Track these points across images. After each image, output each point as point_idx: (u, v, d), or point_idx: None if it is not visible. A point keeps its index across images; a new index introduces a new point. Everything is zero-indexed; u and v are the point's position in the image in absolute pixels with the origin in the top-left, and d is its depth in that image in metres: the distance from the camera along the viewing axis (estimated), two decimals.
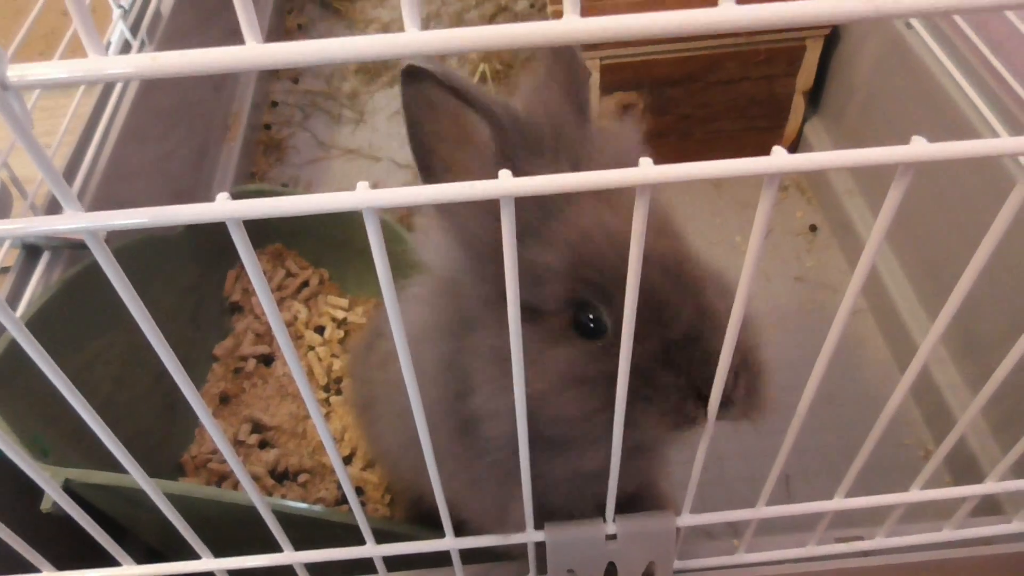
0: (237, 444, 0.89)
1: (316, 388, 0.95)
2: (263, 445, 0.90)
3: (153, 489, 0.44)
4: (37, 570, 0.48)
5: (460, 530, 0.49)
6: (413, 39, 0.24)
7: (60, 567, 0.48)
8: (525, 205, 0.42)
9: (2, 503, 0.61)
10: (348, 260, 1.03)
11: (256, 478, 0.86)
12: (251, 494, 0.44)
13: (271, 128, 1.34)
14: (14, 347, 0.70)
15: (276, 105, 1.39)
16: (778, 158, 0.29)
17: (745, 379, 0.47)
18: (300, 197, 0.27)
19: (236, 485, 0.86)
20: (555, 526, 0.48)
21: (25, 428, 0.69)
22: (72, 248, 0.75)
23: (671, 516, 0.49)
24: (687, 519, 0.49)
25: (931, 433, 0.94)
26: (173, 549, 0.73)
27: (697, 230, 1.16)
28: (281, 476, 0.87)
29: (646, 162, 0.28)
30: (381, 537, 0.49)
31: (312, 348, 0.98)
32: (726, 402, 0.44)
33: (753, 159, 0.29)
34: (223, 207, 0.27)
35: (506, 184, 0.27)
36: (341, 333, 0.99)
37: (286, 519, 0.49)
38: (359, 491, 0.86)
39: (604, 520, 0.49)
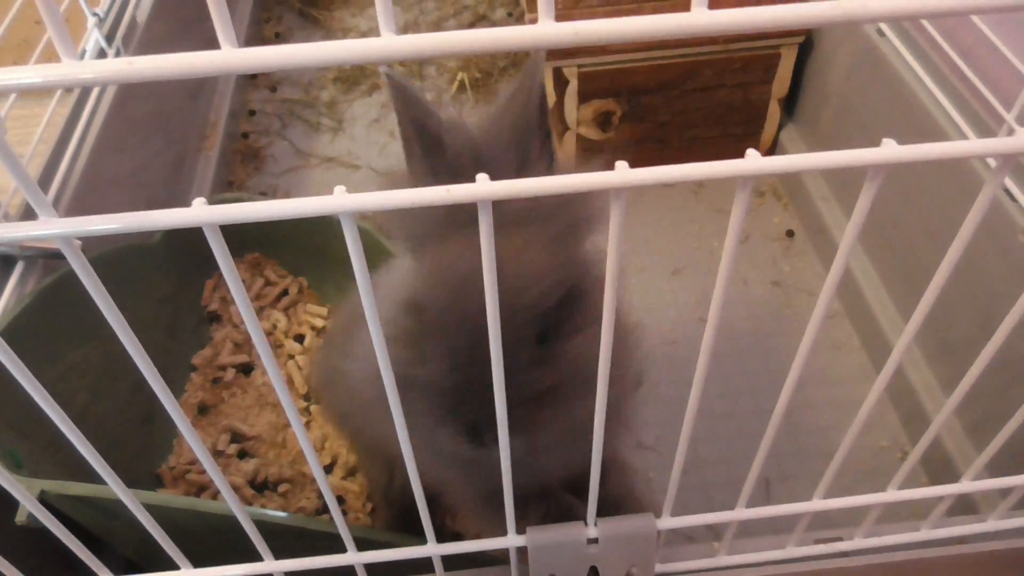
0: (216, 454, 0.88)
1: (296, 397, 0.95)
2: (242, 455, 0.89)
3: (131, 499, 0.43)
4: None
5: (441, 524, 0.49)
6: (389, 44, 0.24)
7: None
8: None
9: None
10: (327, 269, 1.03)
11: (235, 488, 0.85)
12: (230, 502, 0.43)
13: (249, 137, 1.34)
14: None
15: (254, 114, 1.39)
16: (752, 161, 0.29)
17: None
18: (277, 202, 0.27)
19: (216, 496, 0.85)
20: (537, 530, 0.48)
21: (1, 439, 0.68)
22: (46, 258, 0.74)
23: (651, 519, 0.49)
24: (668, 522, 0.49)
25: (908, 435, 0.95)
26: (150, 560, 0.73)
27: (675, 237, 1.17)
28: (261, 486, 0.87)
29: (622, 165, 0.29)
30: (362, 545, 0.48)
31: (292, 357, 0.97)
32: None
33: (729, 162, 0.29)
34: (200, 212, 0.27)
35: (483, 188, 0.27)
36: (320, 342, 0.98)
37: (266, 529, 0.49)
38: (340, 500, 0.86)
39: (585, 523, 0.49)
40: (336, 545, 0.51)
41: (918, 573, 0.58)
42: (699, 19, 0.25)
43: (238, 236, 1.02)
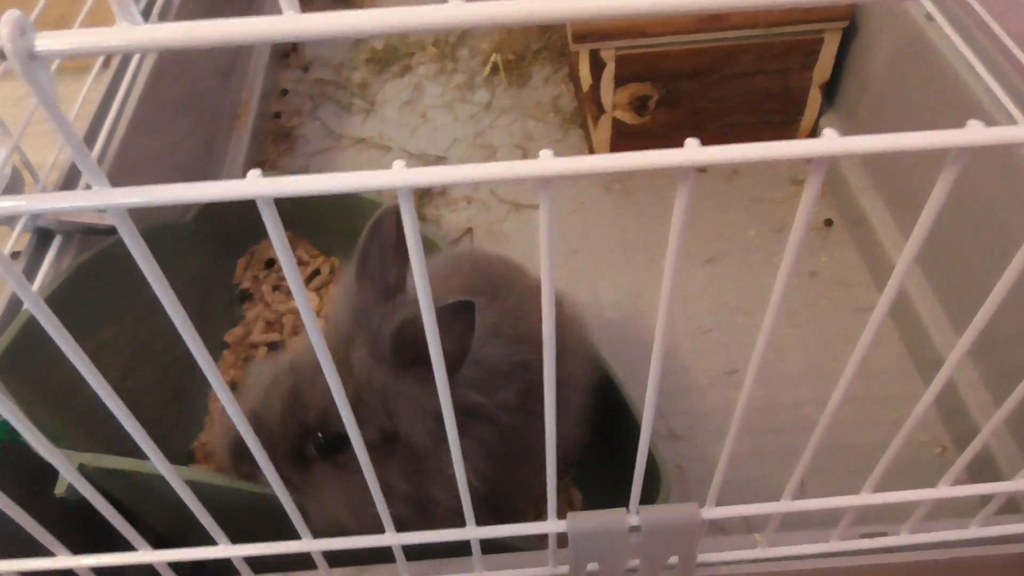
0: None
1: None
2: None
3: (172, 475, 0.43)
4: (51, 554, 0.47)
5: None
6: (453, 11, 0.23)
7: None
8: None
9: (9, 490, 0.60)
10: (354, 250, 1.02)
11: None
12: (273, 484, 0.43)
13: (281, 117, 1.34)
14: (24, 334, 0.69)
15: (286, 94, 1.38)
16: (829, 141, 0.28)
17: None
18: (334, 176, 0.26)
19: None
20: (578, 516, 0.47)
21: (36, 415, 0.68)
22: (84, 233, 0.74)
23: (696, 508, 0.48)
24: (712, 512, 0.48)
25: (947, 431, 0.93)
26: (181, 535, 0.73)
27: (709, 225, 1.15)
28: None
29: (692, 143, 0.28)
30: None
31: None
32: None
33: (805, 141, 0.28)
34: (255, 185, 0.26)
35: (546, 165, 0.27)
36: None
37: (303, 510, 0.48)
38: None
39: (628, 510, 0.48)
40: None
41: (964, 571, 0.57)
42: None
43: None
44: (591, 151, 1.24)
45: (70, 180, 0.79)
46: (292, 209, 1.03)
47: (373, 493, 0.43)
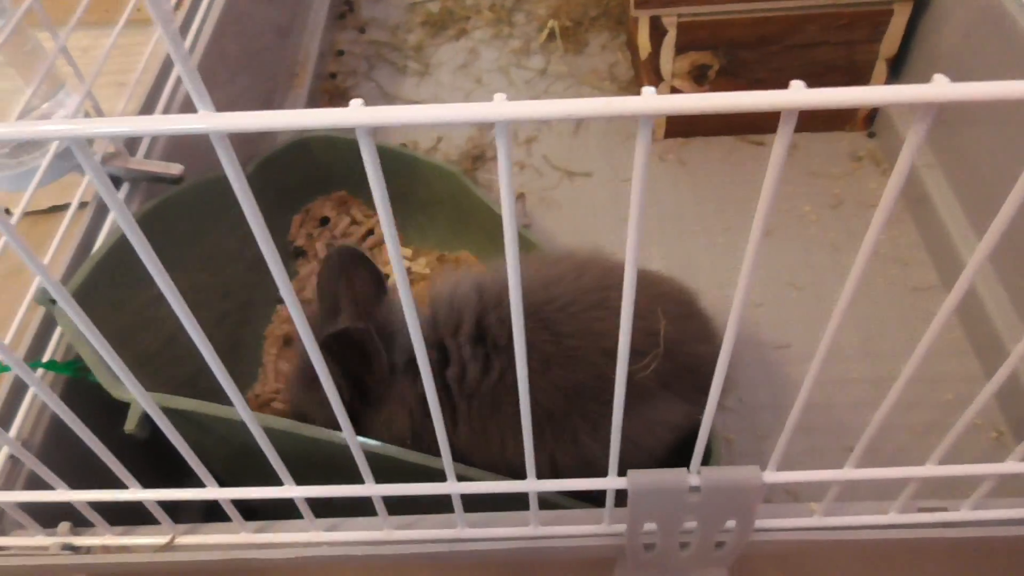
0: None
1: None
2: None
3: (250, 418, 0.44)
4: (123, 487, 0.49)
5: None
6: None
7: None
8: None
9: (66, 435, 0.63)
10: (409, 213, 1.03)
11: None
12: (345, 431, 0.44)
13: (336, 77, 1.34)
14: (87, 284, 0.71)
15: (342, 54, 1.39)
16: (940, 86, 0.27)
17: None
18: (435, 107, 0.26)
19: None
20: (638, 473, 0.48)
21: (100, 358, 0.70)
22: (150, 181, 0.76)
23: (757, 471, 0.48)
24: (774, 476, 0.48)
25: (1004, 415, 0.91)
26: (235, 476, 0.75)
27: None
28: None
29: (798, 84, 0.27)
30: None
31: None
32: None
33: (907, 88, 0.27)
34: (357, 113, 0.26)
35: (648, 101, 0.26)
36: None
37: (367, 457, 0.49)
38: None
39: (688, 470, 0.48)
40: (426, 477, 0.51)
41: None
42: None
43: (326, 173, 1.03)
44: None
45: None
46: (346, 170, 1.04)
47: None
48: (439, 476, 0.58)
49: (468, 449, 0.66)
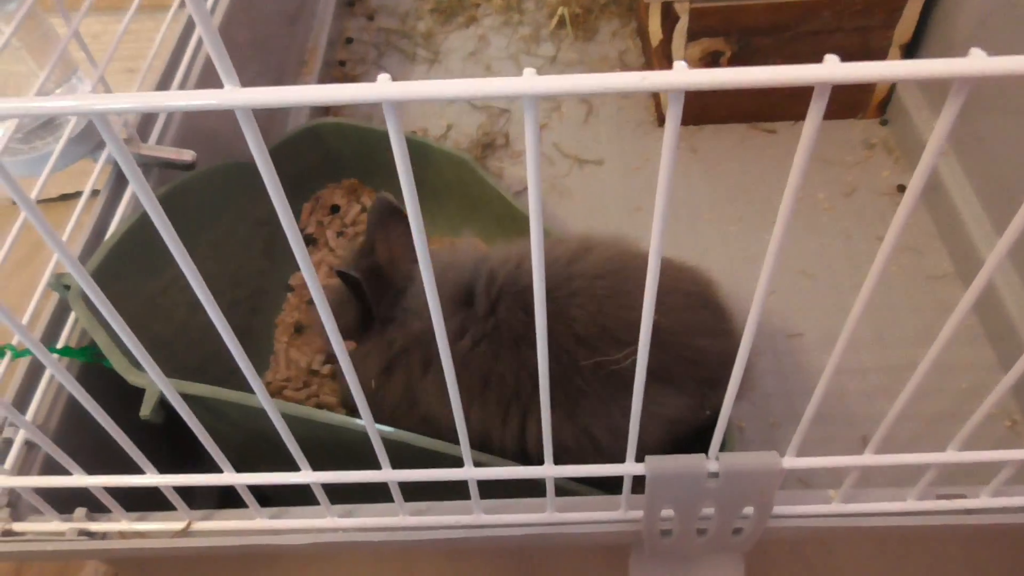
0: (311, 374, 0.90)
1: None
2: (335, 376, 0.91)
3: (270, 405, 0.43)
4: (140, 472, 0.49)
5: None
6: None
7: None
8: None
9: (86, 415, 0.63)
10: (420, 199, 1.02)
11: (330, 407, 0.86)
12: (364, 419, 0.43)
13: (346, 65, 1.34)
14: (100, 270, 0.70)
15: (351, 42, 1.38)
16: (979, 60, 0.27)
17: None
18: (462, 81, 0.26)
19: None
20: (656, 459, 0.47)
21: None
22: (162, 167, 0.75)
23: (776, 457, 0.47)
24: (792, 461, 0.48)
25: (1018, 404, 0.91)
26: (248, 462, 0.75)
27: (776, 187, 1.13)
28: (354, 407, 0.88)
29: (832, 58, 0.26)
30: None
31: None
32: None
33: (949, 61, 0.27)
34: (383, 88, 0.26)
35: (679, 76, 0.26)
36: None
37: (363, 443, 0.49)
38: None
39: (707, 456, 0.48)
40: (443, 463, 0.51)
41: None
42: None
43: (336, 160, 1.03)
44: (658, 109, 1.22)
45: (149, 114, 0.80)
46: (357, 157, 1.03)
47: None
48: (448, 461, 0.57)
49: (437, 405, 0.70)
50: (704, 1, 1.06)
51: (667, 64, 1.14)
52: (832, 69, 0.26)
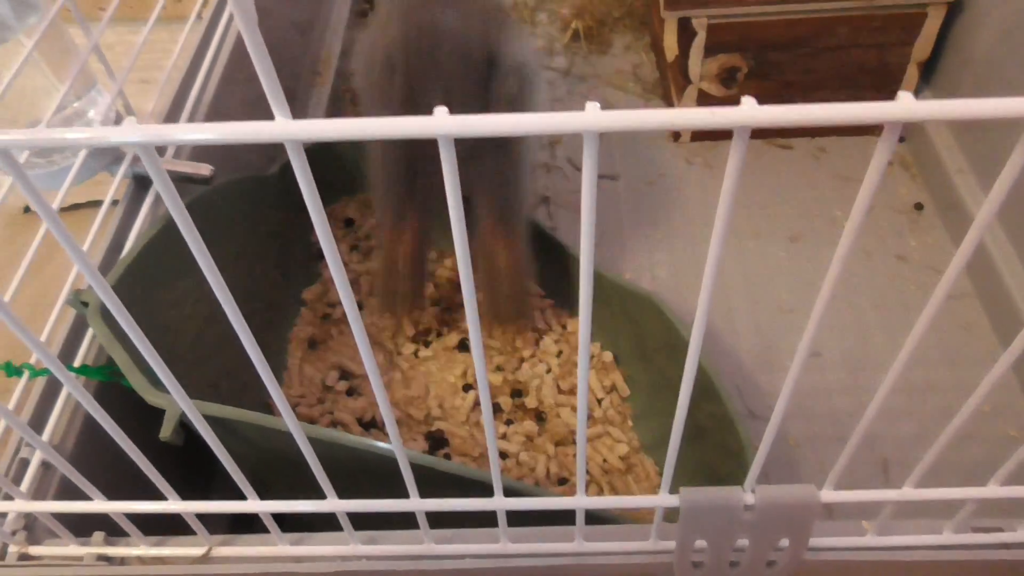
0: (326, 390, 0.89)
1: (404, 340, 0.94)
2: (349, 392, 0.90)
3: (298, 431, 0.42)
4: (162, 498, 0.48)
5: None
6: None
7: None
8: None
9: (97, 438, 0.62)
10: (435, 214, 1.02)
11: (344, 425, 0.85)
12: (393, 443, 0.43)
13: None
14: (120, 284, 0.70)
15: None
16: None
17: None
18: (523, 116, 0.25)
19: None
20: (691, 491, 0.46)
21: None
22: (180, 181, 0.74)
23: (814, 490, 0.46)
24: (830, 495, 0.47)
25: None
26: (263, 483, 0.74)
27: (794, 203, 1.12)
28: (368, 424, 0.87)
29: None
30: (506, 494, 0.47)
31: None
32: None
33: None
34: (441, 123, 0.25)
35: (750, 113, 0.25)
36: (430, 286, 0.98)
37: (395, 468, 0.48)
38: (444, 443, 0.85)
39: (743, 488, 0.46)
40: (461, 489, 0.50)
41: None
42: None
43: (350, 174, 1.02)
44: None
45: (169, 123, 0.79)
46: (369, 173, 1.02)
47: None
48: (472, 486, 0.56)
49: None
50: (722, 17, 1.06)
51: (683, 79, 1.13)
52: (905, 106, 0.25)
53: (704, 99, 1.15)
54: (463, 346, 0.93)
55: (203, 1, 0.91)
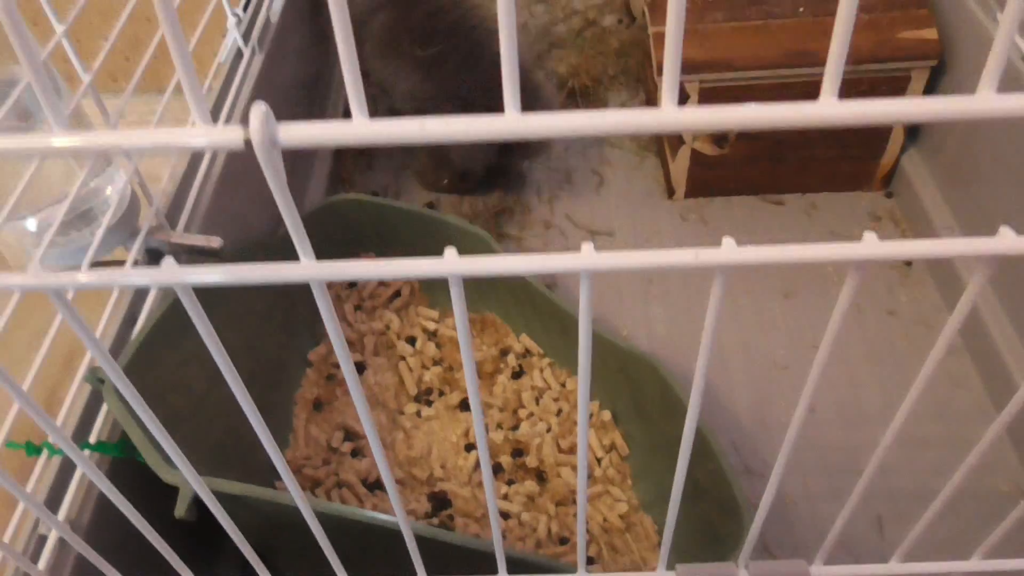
0: (331, 451, 0.91)
1: (407, 400, 0.96)
2: (354, 453, 0.91)
3: (306, 509, 0.44)
4: (170, 567, 0.49)
5: None
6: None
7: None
8: None
9: (113, 512, 0.63)
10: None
11: (349, 486, 0.87)
12: (400, 521, 0.44)
13: None
14: (133, 362, 0.72)
15: None
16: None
17: None
18: (521, 258, 0.27)
19: (328, 492, 0.87)
20: (687, 568, 0.48)
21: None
22: (190, 254, 0.77)
23: (804, 566, 0.48)
24: (820, 570, 0.49)
25: None
26: (269, 550, 0.75)
27: None
28: (373, 486, 0.89)
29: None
30: (515, 566, 0.49)
31: (403, 358, 0.99)
32: None
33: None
34: (451, 264, 0.27)
35: (730, 254, 0.27)
36: (432, 345, 1.00)
37: (397, 536, 0.49)
38: (447, 503, 0.87)
39: (736, 564, 0.48)
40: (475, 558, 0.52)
41: None
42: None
43: (354, 235, 1.05)
44: (667, 180, 1.24)
45: (179, 197, 0.82)
46: (374, 232, 1.05)
47: None
48: (476, 554, 0.58)
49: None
50: (714, 81, 1.10)
51: (676, 140, 1.17)
52: (864, 248, 0.28)
53: (697, 157, 1.18)
54: (465, 405, 0.95)
55: (212, 74, 0.95)
